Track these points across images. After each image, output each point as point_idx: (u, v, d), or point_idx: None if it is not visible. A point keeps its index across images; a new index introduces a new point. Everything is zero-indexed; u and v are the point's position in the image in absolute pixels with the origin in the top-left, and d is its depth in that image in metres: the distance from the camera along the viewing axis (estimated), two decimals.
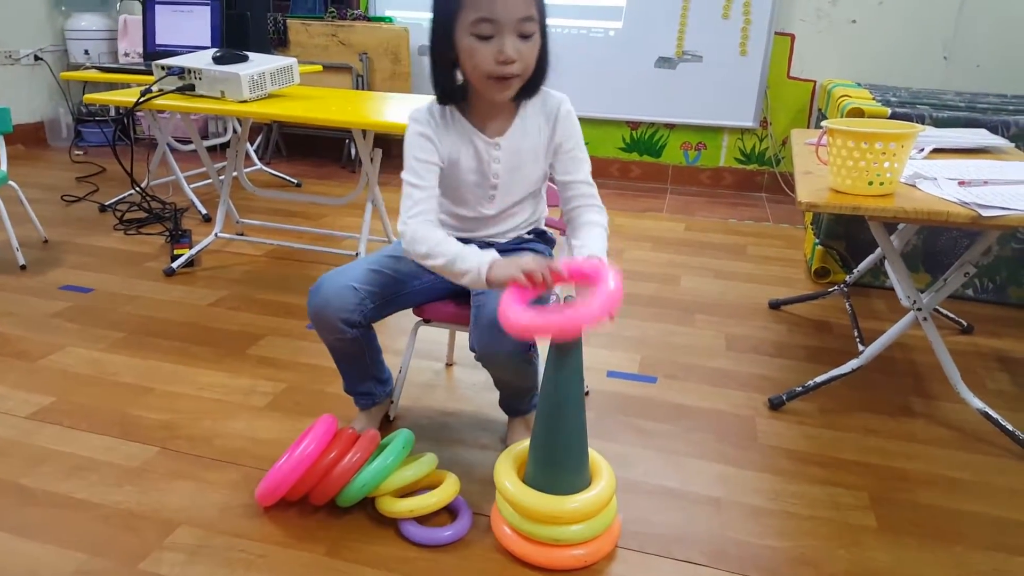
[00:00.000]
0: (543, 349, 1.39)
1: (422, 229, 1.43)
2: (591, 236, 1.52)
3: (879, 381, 2.14)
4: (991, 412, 1.87)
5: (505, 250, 1.60)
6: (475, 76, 1.38)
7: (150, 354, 2.17)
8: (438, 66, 1.42)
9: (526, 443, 1.47)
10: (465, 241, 1.61)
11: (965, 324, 2.50)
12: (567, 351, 1.29)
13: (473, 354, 1.47)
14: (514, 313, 1.22)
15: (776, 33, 4.04)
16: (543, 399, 1.34)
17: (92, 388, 1.98)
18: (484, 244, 1.61)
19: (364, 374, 1.70)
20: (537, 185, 1.60)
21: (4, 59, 4.68)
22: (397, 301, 1.60)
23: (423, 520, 1.48)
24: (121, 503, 1.54)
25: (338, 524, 1.49)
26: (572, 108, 1.55)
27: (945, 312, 2.54)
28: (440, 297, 1.67)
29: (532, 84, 1.44)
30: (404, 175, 1.48)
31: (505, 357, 1.43)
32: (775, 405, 1.98)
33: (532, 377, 1.59)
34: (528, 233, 1.67)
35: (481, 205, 1.58)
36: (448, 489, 1.50)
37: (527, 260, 1.32)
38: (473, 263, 1.37)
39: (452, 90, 1.45)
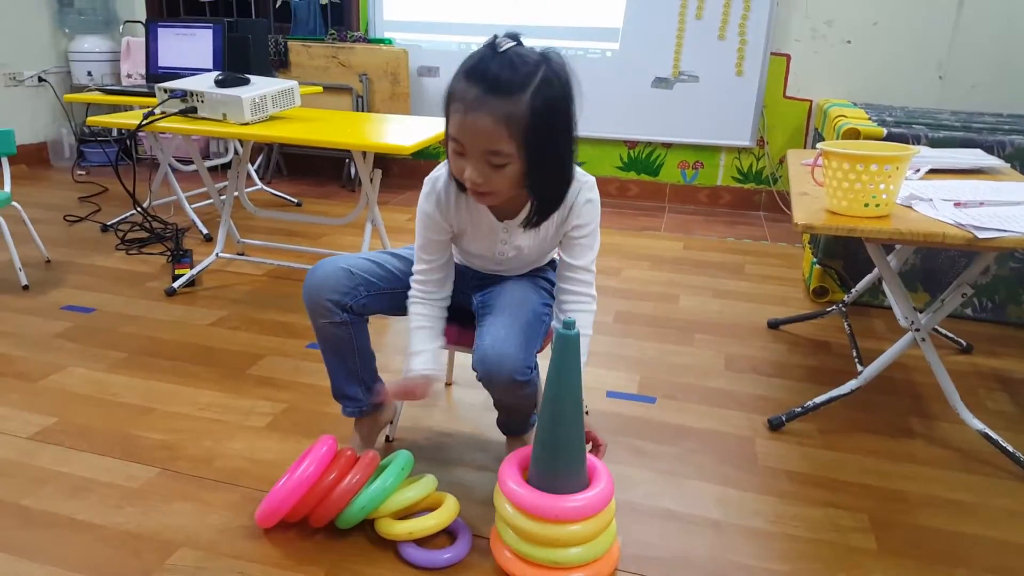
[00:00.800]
0: (543, 364, 1.39)
1: (415, 307, 1.56)
2: (579, 323, 1.53)
3: (878, 402, 2.14)
4: (991, 433, 1.87)
5: (521, 278, 1.65)
6: (456, 177, 1.39)
7: (151, 374, 2.18)
8: (447, 152, 1.41)
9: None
10: (476, 272, 1.65)
11: (964, 344, 2.50)
12: (567, 368, 1.30)
13: (475, 374, 1.48)
14: (512, 487, 1.35)
15: (772, 53, 4.08)
16: (546, 400, 1.35)
17: (93, 409, 1.99)
18: (494, 273, 1.66)
19: (352, 374, 1.66)
20: (548, 256, 1.64)
21: (8, 81, 4.72)
22: (393, 298, 1.61)
23: (422, 542, 1.48)
24: (122, 524, 1.54)
25: (337, 546, 1.49)
26: (595, 196, 1.50)
27: (944, 332, 2.55)
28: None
29: (545, 206, 1.43)
30: (416, 242, 1.55)
31: (508, 379, 1.43)
32: (775, 426, 1.99)
33: (532, 398, 1.60)
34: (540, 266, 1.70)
35: (491, 266, 1.64)
36: (447, 511, 1.51)
37: (411, 388, 1.48)
38: (410, 363, 1.51)
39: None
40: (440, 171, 1.50)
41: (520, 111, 1.24)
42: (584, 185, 1.48)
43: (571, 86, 1.32)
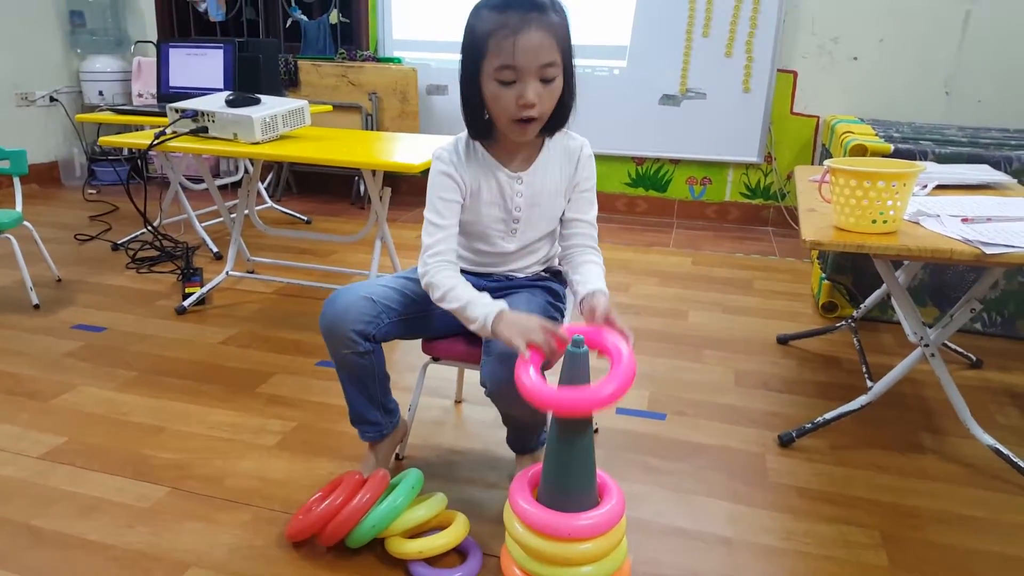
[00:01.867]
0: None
1: (440, 273, 1.48)
2: (591, 273, 1.56)
3: (889, 417, 2.13)
4: (1002, 448, 1.86)
5: (522, 286, 1.63)
6: (499, 119, 1.44)
7: (161, 393, 2.19)
8: (468, 106, 1.48)
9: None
10: (485, 276, 1.64)
11: (974, 358, 2.49)
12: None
13: (484, 390, 1.48)
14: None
15: (779, 70, 4.09)
16: (555, 417, 1.35)
17: (104, 428, 1.99)
18: (503, 279, 1.64)
19: (372, 400, 1.66)
20: (556, 222, 1.64)
21: (20, 100, 4.77)
22: (415, 323, 1.61)
23: (433, 561, 1.48)
24: (132, 544, 1.54)
25: (348, 565, 1.49)
26: (592, 152, 1.62)
27: (953, 347, 2.54)
28: (451, 330, 1.68)
29: (556, 122, 1.50)
30: (426, 212, 1.53)
31: (516, 393, 1.43)
32: (785, 442, 1.98)
33: (541, 414, 1.60)
34: (544, 271, 1.69)
35: (503, 239, 1.61)
36: (458, 530, 1.51)
37: (534, 328, 1.33)
38: (480, 312, 1.40)
39: (481, 127, 1.50)
40: (444, 145, 1.56)
41: (558, 23, 1.39)
42: (584, 142, 1.61)
43: None
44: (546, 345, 1.31)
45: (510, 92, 1.39)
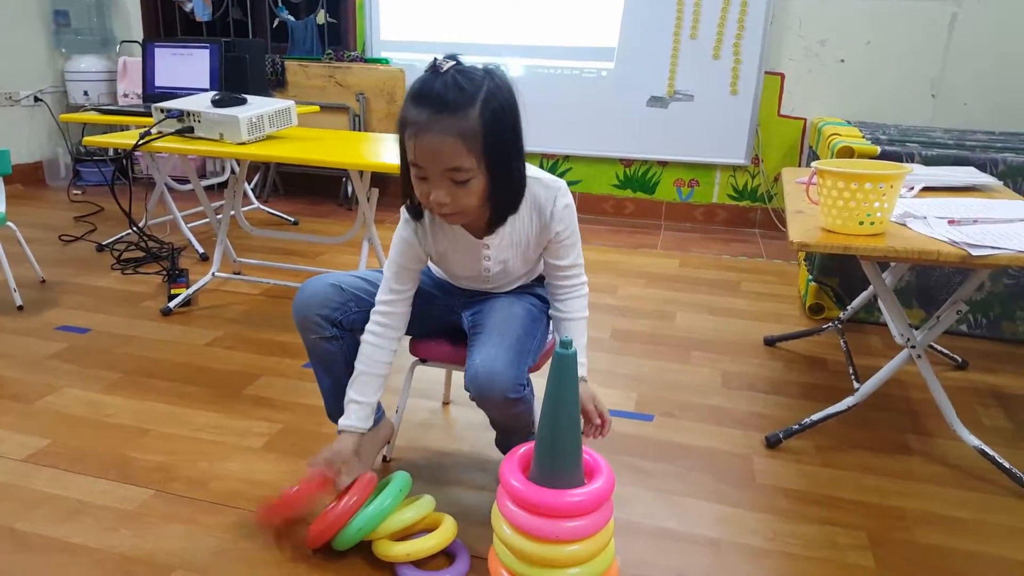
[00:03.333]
0: (539, 385, 1.39)
1: (371, 343, 1.56)
2: (574, 333, 1.55)
3: (875, 418, 2.14)
4: (988, 449, 1.87)
5: (503, 293, 1.64)
6: (421, 203, 1.40)
7: (146, 395, 2.17)
8: (403, 183, 1.43)
9: None
10: (463, 290, 1.64)
11: (960, 360, 2.51)
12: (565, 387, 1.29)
13: (468, 394, 1.48)
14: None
15: (766, 72, 4.11)
16: (543, 418, 1.34)
17: (88, 430, 1.98)
18: (484, 293, 1.64)
19: (344, 392, 1.65)
20: (533, 265, 1.63)
21: (4, 100, 4.73)
22: None
23: (421, 563, 1.47)
24: (116, 547, 1.53)
25: (335, 568, 1.48)
26: (570, 198, 1.50)
27: (939, 348, 2.55)
28: (435, 330, 1.68)
29: (501, 212, 1.43)
30: (386, 268, 1.56)
31: (500, 397, 1.43)
32: (772, 443, 1.98)
33: (527, 416, 1.59)
34: (528, 281, 1.69)
35: (478, 284, 1.63)
36: (446, 532, 1.50)
37: (344, 467, 1.51)
38: (349, 412, 1.57)
39: (417, 208, 1.48)
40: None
41: (472, 124, 1.27)
42: (558, 191, 1.48)
43: (515, 96, 1.35)
44: (333, 482, 1.49)
45: (423, 186, 1.34)
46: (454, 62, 1.30)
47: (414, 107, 1.29)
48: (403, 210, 1.53)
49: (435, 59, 1.31)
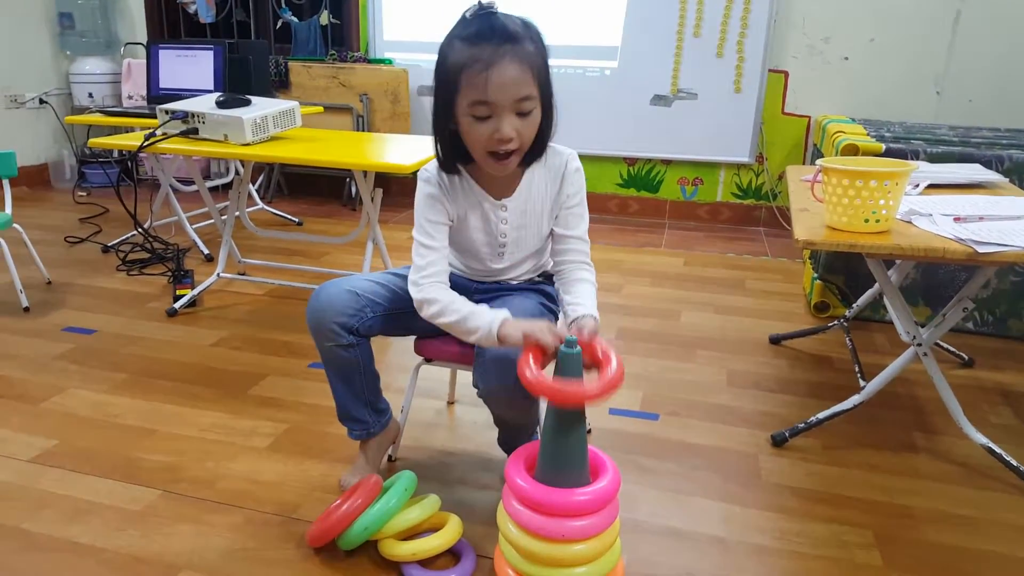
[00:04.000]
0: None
1: (433, 290, 1.46)
2: (584, 294, 1.53)
3: (881, 417, 2.13)
4: (995, 447, 1.86)
5: (514, 289, 1.63)
6: (475, 152, 1.41)
7: (152, 396, 2.17)
8: (441, 139, 1.45)
9: None
10: (476, 283, 1.64)
11: (966, 358, 2.50)
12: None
13: (476, 391, 1.47)
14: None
15: (770, 70, 4.10)
16: (548, 418, 1.34)
17: (95, 431, 1.98)
18: (494, 285, 1.64)
19: (359, 397, 1.65)
20: (545, 239, 1.62)
21: (9, 103, 4.74)
22: (400, 319, 1.59)
23: (426, 563, 1.47)
24: (124, 548, 1.53)
25: (341, 567, 1.48)
26: (580, 164, 1.56)
27: (946, 346, 2.54)
28: (440, 329, 1.68)
29: (534, 152, 1.46)
30: (415, 233, 1.52)
31: (509, 395, 1.43)
32: (778, 442, 1.98)
33: (533, 414, 1.60)
34: (537, 276, 1.68)
35: (491, 260, 1.61)
36: (451, 531, 1.50)
37: (538, 329, 1.32)
38: (484, 321, 1.38)
39: (453, 160, 1.48)
40: (430, 167, 1.53)
41: (533, 54, 1.34)
42: (570, 155, 1.55)
43: None
44: (552, 345, 1.30)
45: (486, 127, 1.35)
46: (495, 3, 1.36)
47: (472, 46, 1.31)
48: (421, 172, 1.53)
49: (479, 2, 1.36)
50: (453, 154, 1.47)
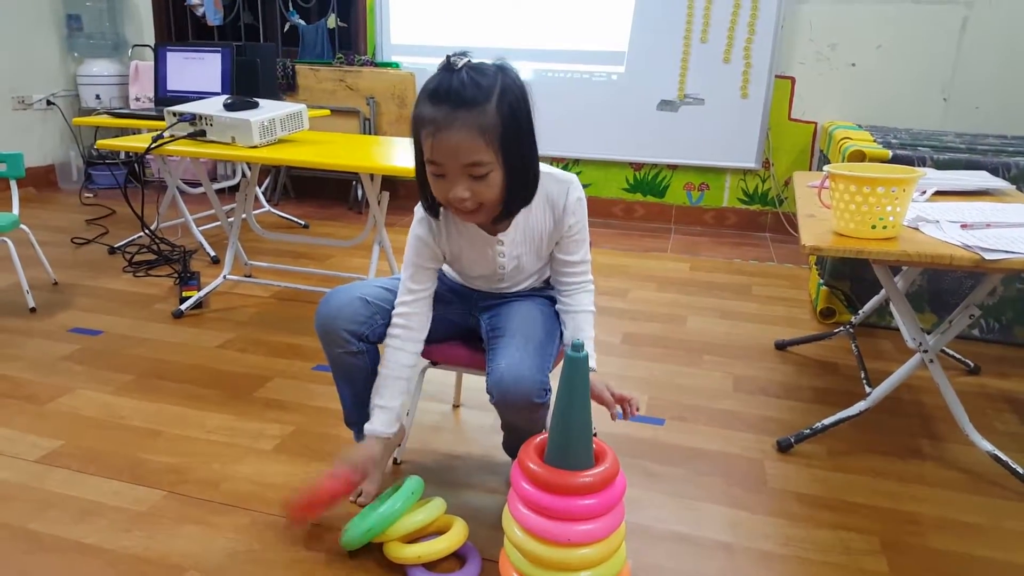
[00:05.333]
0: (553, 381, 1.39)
1: (390, 349, 1.56)
2: (582, 327, 1.56)
3: (887, 423, 2.13)
4: (1000, 454, 1.86)
5: (518, 296, 1.64)
6: (439, 201, 1.42)
7: (158, 397, 2.18)
8: (419, 182, 1.45)
9: None
10: (479, 293, 1.64)
11: (972, 364, 2.50)
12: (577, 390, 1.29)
13: (489, 398, 1.47)
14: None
15: (777, 76, 4.10)
16: (555, 422, 1.34)
17: (101, 432, 1.99)
18: (496, 294, 1.65)
19: (365, 401, 1.65)
20: (546, 258, 1.62)
21: (17, 104, 4.76)
22: None
23: (432, 566, 1.48)
24: (129, 548, 1.53)
25: (346, 569, 1.48)
26: (582, 192, 1.54)
27: (952, 353, 2.54)
28: (450, 334, 1.68)
29: (513, 206, 1.44)
30: (404, 269, 1.56)
31: (525, 401, 1.43)
32: (783, 447, 1.98)
33: (542, 421, 1.59)
34: (540, 284, 1.69)
35: (492, 284, 1.63)
36: (457, 535, 1.50)
37: (366, 475, 1.54)
38: (373, 418, 1.56)
39: (431, 206, 1.49)
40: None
41: (490, 119, 1.30)
42: (571, 184, 1.52)
43: (526, 89, 1.37)
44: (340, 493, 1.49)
45: (441, 184, 1.36)
46: (467, 59, 1.32)
47: (431, 105, 1.30)
48: (417, 209, 1.53)
49: (448, 57, 1.33)
50: (429, 203, 1.48)
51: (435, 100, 1.30)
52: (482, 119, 1.29)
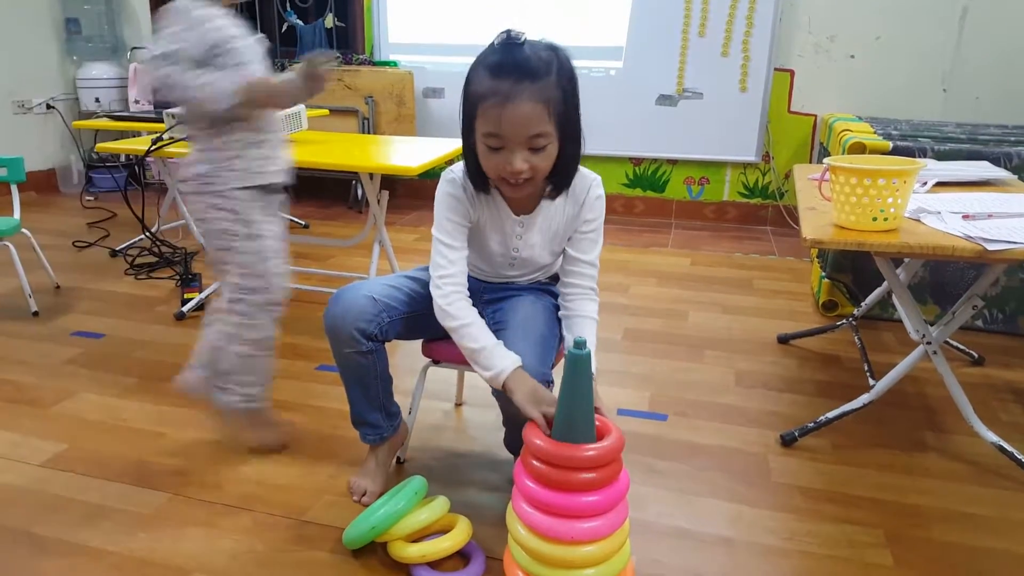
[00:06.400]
0: (556, 376, 1.39)
1: (456, 303, 1.47)
2: (586, 332, 1.54)
3: (891, 415, 2.13)
4: (1006, 445, 1.86)
5: (524, 289, 1.64)
6: (490, 176, 1.42)
7: (162, 399, 2.18)
8: (467, 158, 1.46)
9: None
10: (485, 283, 1.64)
11: (976, 356, 2.49)
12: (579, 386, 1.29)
13: (492, 392, 1.47)
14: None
15: (776, 69, 4.09)
16: (559, 418, 1.33)
17: (105, 434, 1.99)
18: (503, 283, 1.64)
19: (374, 401, 1.66)
20: (557, 256, 1.62)
21: (17, 108, 4.77)
22: (417, 322, 1.60)
23: (436, 565, 1.48)
24: (135, 551, 1.53)
25: (350, 569, 1.49)
26: (603, 191, 1.56)
27: (955, 344, 2.53)
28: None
29: (560, 183, 1.47)
30: (435, 231, 1.52)
31: None
32: (787, 441, 1.97)
33: None
34: (545, 279, 1.68)
35: (501, 267, 1.63)
36: (460, 533, 1.50)
37: (547, 400, 1.35)
38: (497, 366, 1.39)
39: (479, 180, 1.47)
40: (455, 169, 1.52)
41: (553, 92, 1.33)
42: (594, 181, 1.55)
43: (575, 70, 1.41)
44: (540, 423, 1.33)
45: (498, 157, 1.36)
46: (524, 35, 1.35)
47: (492, 78, 1.32)
48: (446, 173, 1.53)
49: (508, 31, 1.35)
50: (480, 171, 1.45)
51: (498, 73, 1.31)
52: (547, 91, 1.32)
